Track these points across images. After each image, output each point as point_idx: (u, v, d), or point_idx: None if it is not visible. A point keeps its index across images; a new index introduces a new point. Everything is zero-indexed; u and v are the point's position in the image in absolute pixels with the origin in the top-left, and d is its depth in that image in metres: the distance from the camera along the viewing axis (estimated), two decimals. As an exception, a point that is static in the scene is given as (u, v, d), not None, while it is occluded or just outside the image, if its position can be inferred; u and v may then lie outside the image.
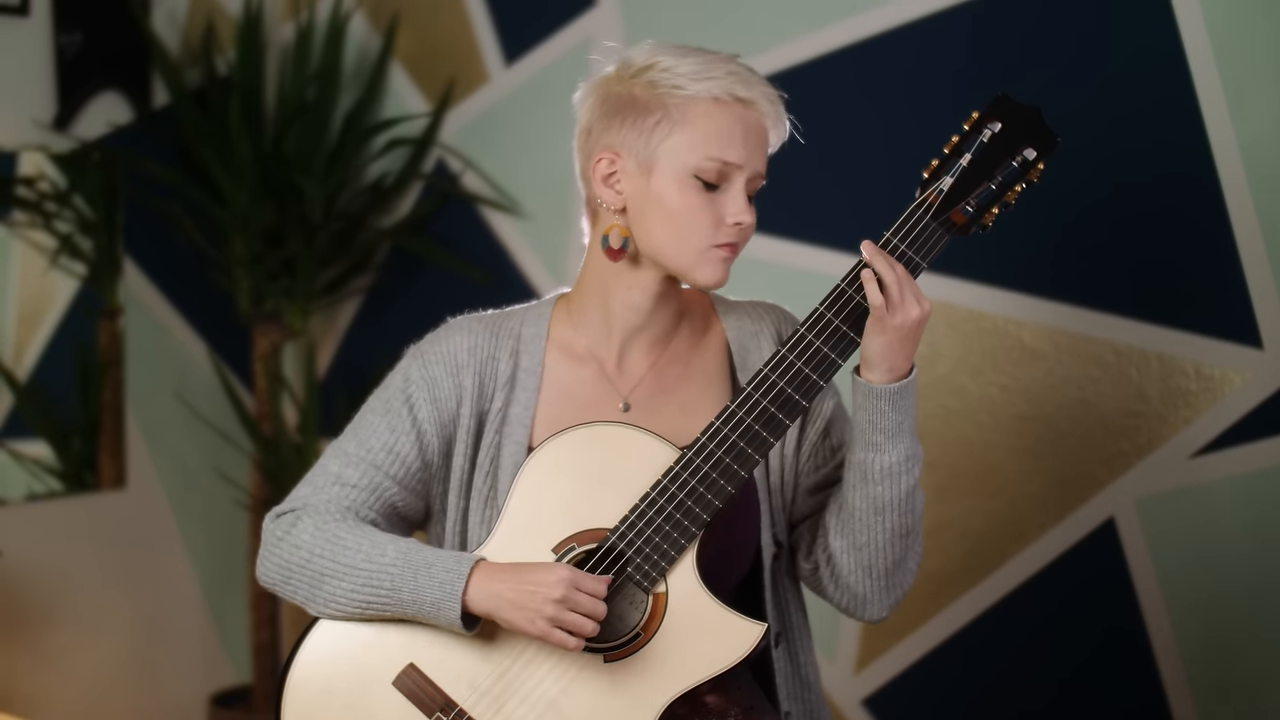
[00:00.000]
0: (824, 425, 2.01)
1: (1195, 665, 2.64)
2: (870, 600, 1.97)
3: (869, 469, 1.88)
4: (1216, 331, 2.57)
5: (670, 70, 1.88)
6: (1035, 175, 1.85)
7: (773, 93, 1.90)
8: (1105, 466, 2.70)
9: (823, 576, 1.99)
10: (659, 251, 1.90)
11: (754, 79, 1.89)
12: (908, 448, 1.88)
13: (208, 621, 3.89)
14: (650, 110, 1.88)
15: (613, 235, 1.92)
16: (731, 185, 1.88)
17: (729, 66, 1.88)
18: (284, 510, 1.97)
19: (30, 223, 3.52)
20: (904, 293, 1.81)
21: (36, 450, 3.57)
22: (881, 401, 1.85)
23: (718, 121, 1.87)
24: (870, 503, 1.90)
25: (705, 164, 1.86)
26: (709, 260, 1.89)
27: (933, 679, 2.94)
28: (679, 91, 1.87)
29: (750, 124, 1.88)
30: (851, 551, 1.93)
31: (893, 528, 1.91)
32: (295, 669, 1.91)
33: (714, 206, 1.88)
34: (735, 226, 1.88)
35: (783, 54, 3.01)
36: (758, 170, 1.90)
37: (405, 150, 3.65)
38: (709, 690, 1.86)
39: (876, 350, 1.84)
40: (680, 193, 1.88)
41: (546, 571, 1.80)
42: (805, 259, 2.99)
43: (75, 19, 3.52)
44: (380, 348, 3.56)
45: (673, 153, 1.87)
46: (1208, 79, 2.53)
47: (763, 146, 1.91)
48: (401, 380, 1.99)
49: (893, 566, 1.94)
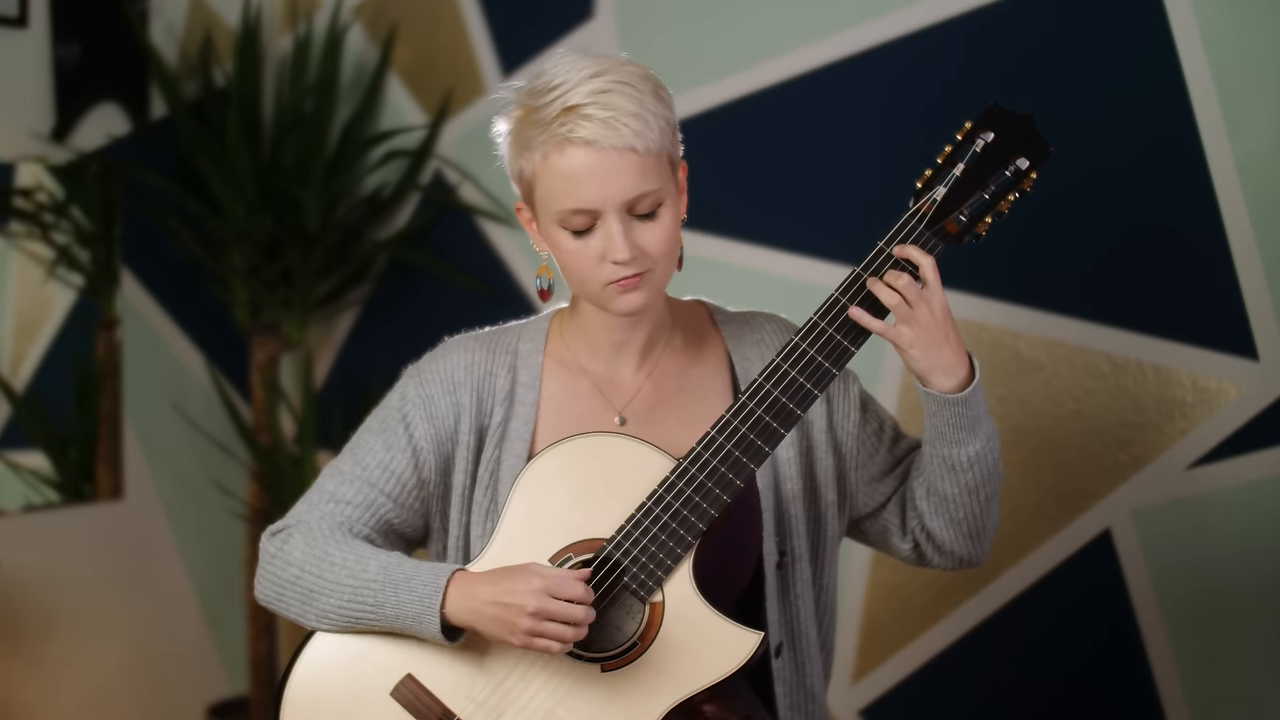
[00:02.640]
0: (858, 415, 2.03)
1: (1191, 675, 2.64)
2: (974, 554, 2.01)
3: (956, 462, 1.91)
4: (1212, 343, 2.58)
5: (528, 117, 1.85)
6: (1028, 185, 1.85)
7: (619, 113, 1.81)
8: (1101, 478, 2.70)
9: (925, 551, 2.02)
10: (572, 290, 1.93)
11: (594, 108, 1.81)
12: (986, 429, 1.91)
13: (205, 632, 3.89)
14: (519, 160, 1.88)
15: (541, 278, 1.95)
16: (602, 224, 1.84)
17: (572, 100, 1.82)
18: (279, 528, 1.98)
19: (28, 234, 3.52)
20: (912, 301, 1.82)
21: (34, 461, 3.57)
22: (957, 406, 1.86)
23: (561, 171, 1.82)
24: (963, 487, 1.93)
25: (562, 215, 1.84)
26: (609, 296, 1.87)
27: (930, 689, 2.93)
28: (530, 144, 1.84)
29: (596, 161, 1.81)
30: (950, 525, 1.96)
31: (985, 497, 1.95)
32: (293, 680, 1.91)
33: (590, 247, 1.85)
34: (616, 265, 1.84)
35: (778, 66, 3.02)
36: (626, 198, 1.83)
37: (403, 162, 3.65)
38: (706, 700, 1.86)
39: (920, 365, 1.85)
40: (556, 239, 1.87)
41: (521, 580, 1.79)
42: (799, 270, 2.99)
43: (73, 30, 3.53)
44: (378, 359, 3.56)
45: (540, 206, 1.87)
46: (1205, 94, 2.54)
47: (625, 173, 1.82)
48: (398, 399, 2.00)
49: (987, 522, 1.98)
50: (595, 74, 1.83)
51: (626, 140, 1.81)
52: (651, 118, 1.83)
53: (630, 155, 1.82)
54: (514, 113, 1.89)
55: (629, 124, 1.81)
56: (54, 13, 3.50)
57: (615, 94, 1.82)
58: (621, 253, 1.83)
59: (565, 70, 1.85)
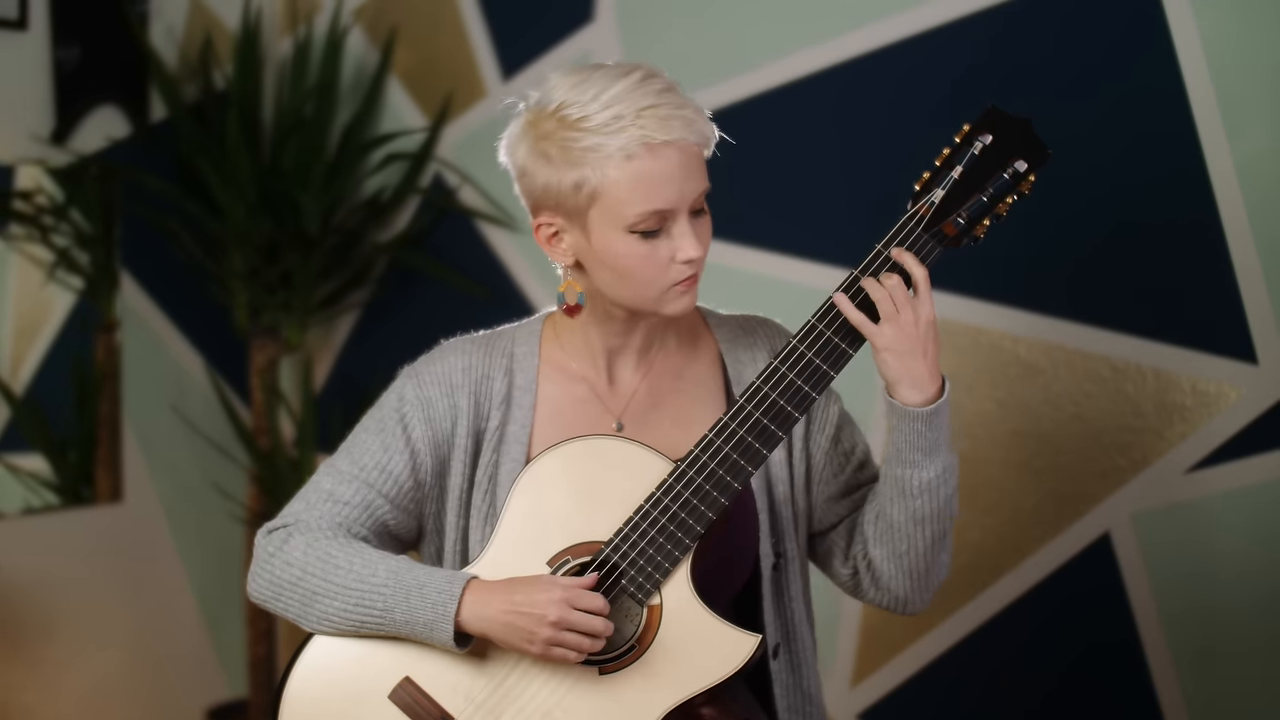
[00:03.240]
0: (834, 431, 2.02)
1: (1190, 679, 2.64)
2: (911, 599, 1.98)
3: (907, 485, 1.88)
4: (1212, 347, 2.58)
5: (581, 124, 1.81)
6: (1026, 187, 1.85)
7: (688, 109, 1.82)
8: (1101, 481, 2.70)
9: (862, 581, 2.00)
10: (619, 299, 1.89)
11: (667, 109, 1.80)
12: (944, 460, 1.89)
13: (204, 635, 3.89)
14: (569, 174, 1.82)
15: (568, 293, 1.93)
16: (674, 225, 1.84)
17: (640, 102, 1.80)
18: (276, 526, 1.97)
19: (28, 236, 3.52)
20: (898, 303, 1.82)
21: (33, 464, 3.57)
22: (917, 423, 1.85)
23: (641, 175, 1.80)
24: (910, 515, 1.90)
25: (638, 219, 1.82)
26: (671, 298, 1.87)
27: (929, 692, 2.93)
28: (593, 154, 1.80)
29: (674, 162, 1.81)
30: (892, 559, 1.94)
31: (931, 535, 1.92)
32: (291, 683, 1.90)
33: (660, 250, 1.84)
34: (684, 264, 1.85)
35: (778, 70, 3.02)
36: (696, 194, 1.84)
37: (403, 165, 3.65)
38: (705, 702, 1.86)
39: (891, 371, 1.84)
40: (623, 247, 1.84)
41: (541, 590, 1.80)
42: (799, 274, 2.99)
43: (73, 33, 3.53)
44: (377, 362, 3.56)
45: (603, 214, 1.83)
46: (1204, 97, 2.54)
47: (695, 171, 1.83)
48: (396, 400, 1.99)
49: (931, 565, 1.95)
50: (644, 77, 1.82)
51: (703, 132, 1.83)
52: (700, 108, 1.85)
53: (701, 151, 1.85)
54: (542, 126, 1.84)
55: (698, 121, 1.83)
56: (54, 15, 3.50)
57: (672, 91, 1.83)
58: (695, 250, 1.83)
59: (597, 80, 1.82)
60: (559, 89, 1.84)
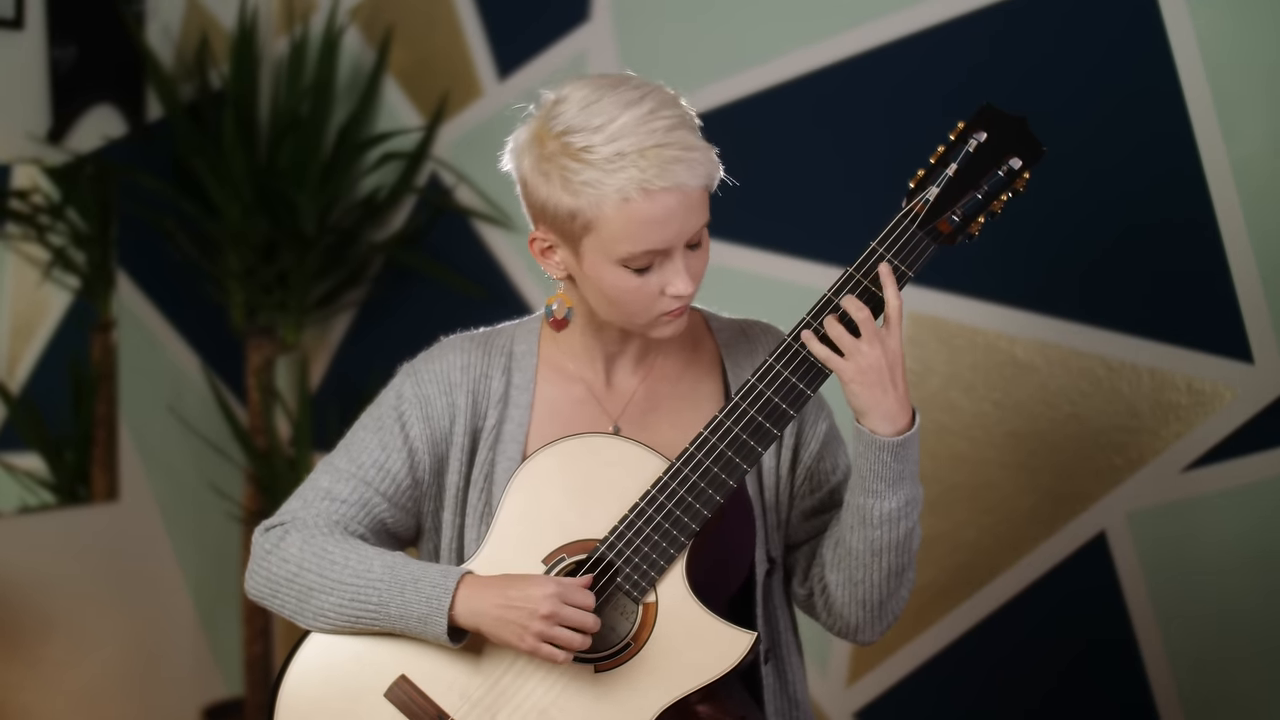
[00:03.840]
0: (818, 449, 2.01)
1: (1186, 678, 2.64)
2: (862, 628, 1.97)
3: (868, 514, 1.87)
4: (1208, 346, 2.58)
5: (583, 155, 1.78)
6: (1021, 185, 1.85)
7: (695, 151, 1.78)
8: (1096, 481, 2.70)
9: (816, 603, 1.99)
10: (607, 319, 1.90)
11: (672, 150, 1.76)
12: (908, 493, 1.87)
13: (200, 634, 3.89)
14: (566, 200, 1.80)
15: (556, 305, 1.93)
16: (667, 261, 1.82)
17: (644, 140, 1.76)
18: (273, 524, 1.97)
19: (24, 236, 3.52)
20: (866, 337, 1.81)
21: (29, 463, 3.57)
22: (884, 453, 1.84)
23: (635, 217, 1.78)
24: (868, 545, 1.89)
25: (629, 258, 1.81)
26: (658, 325, 1.87)
27: (925, 692, 2.94)
28: (590, 189, 1.77)
29: (671, 206, 1.78)
30: (847, 586, 1.93)
31: (888, 567, 1.90)
32: (287, 682, 1.91)
33: (650, 283, 1.83)
34: (675, 297, 1.84)
35: (774, 69, 3.02)
36: (693, 232, 1.82)
37: (399, 164, 3.65)
38: (700, 700, 1.86)
39: (860, 402, 1.83)
40: (613, 278, 1.83)
41: (534, 585, 1.80)
42: (795, 273, 2.99)
43: (69, 32, 3.53)
44: (373, 361, 3.56)
45: (596, 245, 1.82)
46: (1200, 97, 2.54)
47: (694, 210, 1.80)
48: (394, 398, 1.99)
49: (886, 598, 1.94)
50: (652, 110, 1.78)
51: (701, 180, 1.80)
52: (708, 146, 1.81)
53: (703, 193, 1.81)
54: (547, 145, 1.82)
55: (702, 164, 1.79)
56: (50, 14, 3.50)
57: (679, 129, 1.78)
58: (686, 287, 1.82)
59: (605, 105, 1.79)
60: (569, 107, 1.81)
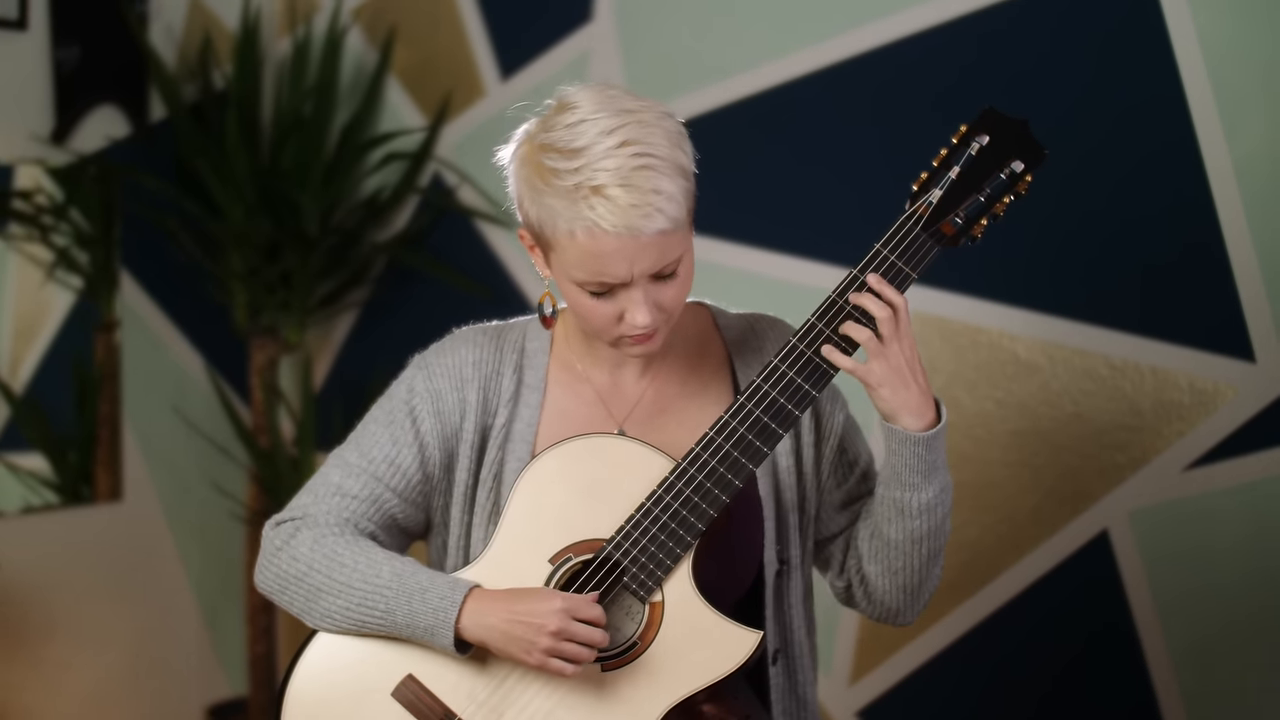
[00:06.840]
0: (838, 441, 2.02)
1: (1188, 675, 2.65)
2: (903, 611, 2.00)
3: (906, 506, 1.89)
4: (1209, 345, 2.59)
5: (549, 177, 1.78)
6: (1023, 187, 1.86)
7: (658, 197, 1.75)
8: (1099, 479, 2.71)
9: (855, 594, 2.01)
10: (582, 328, 1.92)
11: (631, 195, 1.74)
12: (942, 479, 1.90)
13: (204, 634, 3.89)
14: (533, 212, 1.82)
15: (545, 303, 1.94)
16: (624, 292, 1.82)
17: (604, 178, 1.75)
18: (284, 519, 1.97)
19: (27, 236, 3.52)
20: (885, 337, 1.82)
21: (33, 463, 3.57)
22: (918, 447, 1.85)
23: (586, 251, 1.78)
24: (908, 535, 1.91)
25: (584, 283, 1.82)
26: (624, 345, 1.87)
27: (928, 690, 2.94)
28: (549, 212, 1.78)
29: (623, 247, 1.77)
30: (887, 575, 1.95)
31: (928, 553, 1.93)
32: (294, 681, 1.91)
33: (608, 308, 1.83)
34: (633, 326, 1.83)
35: (775, 70, 3.03)
36: (653, 270, 1.80)
37: (402, 164, 3.66)
38: (706, 699, 1.86)
39: (888, 405, 1.84)
40: (574, 295, 1.84)
41: (541, 600, 1.80)
42: (799, 273, 3.00)
43: (73, 33, 3.53)
44: (376, 361, 3.57)
45: (557, 264, 1.84)
46: (1202, 97, 2.54)
47: (653, 249, 1.78)
48: (406, 391, 1.99)
49: (925, 580, 1.96)
50: (623, 143, 1.76)
51: (659, 225, 1.76)
52: (679, 191, 1.78)
53: (660, 236, 1.78)
54: (530, 153, 1.83)
55: (663, 209, 1.76)
56: (53, 15, 3.50)
57: (645, 170, 1.75)
58: (643, 319, 1.81)
59: (588, 127, 1.78)
60: (561, 119, 1.81)
